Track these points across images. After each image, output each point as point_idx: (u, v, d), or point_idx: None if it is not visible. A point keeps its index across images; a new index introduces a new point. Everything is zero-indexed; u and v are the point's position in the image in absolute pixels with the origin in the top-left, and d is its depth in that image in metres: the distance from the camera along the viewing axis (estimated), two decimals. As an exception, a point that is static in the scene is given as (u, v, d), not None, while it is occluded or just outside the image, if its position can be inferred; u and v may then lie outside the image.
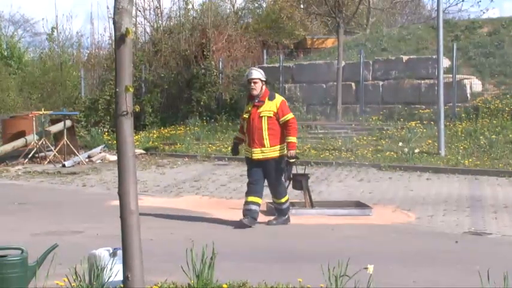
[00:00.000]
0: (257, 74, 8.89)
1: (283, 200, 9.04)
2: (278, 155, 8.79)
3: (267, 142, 8.72)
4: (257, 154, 8.79)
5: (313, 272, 5.33)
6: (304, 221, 9.34)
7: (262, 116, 8.75)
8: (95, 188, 12.83)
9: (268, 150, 8.75)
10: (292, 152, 8.76)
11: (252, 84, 8.79)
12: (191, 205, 10.65)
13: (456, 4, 29.19)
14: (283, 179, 8.97)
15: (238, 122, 20.52)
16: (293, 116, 8.88)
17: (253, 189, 8.90)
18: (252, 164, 8.89)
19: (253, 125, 8.78)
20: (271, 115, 8.76)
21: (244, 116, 8.94)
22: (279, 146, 8.78)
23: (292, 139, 8.77)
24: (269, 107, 8.78)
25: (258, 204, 8.91)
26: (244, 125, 8.99)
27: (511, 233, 8.45)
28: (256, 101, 8.83)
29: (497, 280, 4.54)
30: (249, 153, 8.89)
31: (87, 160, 16.92)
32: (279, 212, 9.11)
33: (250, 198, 8.87)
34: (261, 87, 8.81)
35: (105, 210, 10.04)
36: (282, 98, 9.03)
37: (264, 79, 8.91)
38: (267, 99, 8.83)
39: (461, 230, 8.66)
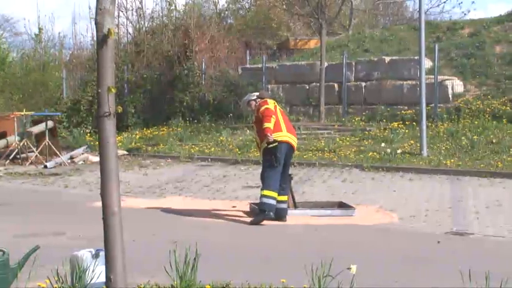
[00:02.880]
0: (248, 97, 10.06)
1: (261, 193, 9.31)
2: (263, 147, 9.48)
3: (258, 142, 9.82)
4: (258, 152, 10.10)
5: (296, 272, 5.34)
6: (287, 221, 9.35)
7: (254, 124, 9.96)
8: (77, 189, 12.76)
9: (260, 147, 9.70)
10: (269, 136, 9.38)
11: (249, 107, 10.02)
12: (174, 206, 10.63)
13: (438, 6, 29.43)
14: (265, 170, 9.38)
15: (221, 123, 20.78)
16: (267, 107, 9.51)
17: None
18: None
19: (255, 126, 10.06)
20: (255, 120, 9.94)
21: None
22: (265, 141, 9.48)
23: (265, 125, 9.43)
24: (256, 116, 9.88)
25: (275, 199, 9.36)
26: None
27: (492, 233, 8.51)
28: (254, 114, 9.90)
29: (479, 280, 4.57)
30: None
31: (69, 161, 16.83)
32: (260, 205, 9.38)
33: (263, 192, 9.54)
34: (255, 105, 9.78)
35: (87, 211, 9.99)
36: (264, 106, 9.57)
37: (254, 97, 9.90)
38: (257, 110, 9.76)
39: (443, 230, 8.71)
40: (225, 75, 22.72)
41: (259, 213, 9.25)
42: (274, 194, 9.20)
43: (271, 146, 9.30)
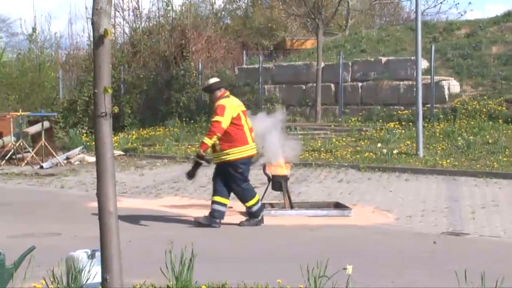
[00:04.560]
0: (205, 87, 9.31)
1: (247, 204, 9.00)
2: (229, 159, 8.77)
3: (217, 147, 8.81)
4: (215, 159, 8.98)
5: (292, 272, 5.34)
6: (283, 222, 9.36)
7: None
8: (73, 190, 12.75)
9: (221, 155, 8.81)
10: (201, 151, 8.80)
11: (210, 94, 9.15)
12: (170, 206, 10.63)
13: (434, 6, 29.40)
14: (237, 184, 8.88)
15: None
16: (218, 119, 8.69)
17: (217, 189, 8.99)
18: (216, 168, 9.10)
19: None
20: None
21: None
22: (230, 150, 8.75)
23: (204, 139, 8.81)
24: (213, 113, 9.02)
25: (222, 205, 8.96)
26: None
27: (488, 233, 8.53)
28: None
29: (475, 280, 4.58)
30: None
31: (65, 161, 16.81)
32: (249, 214, 9.13)
33: (217, 198, 9.01)
34: (211, 98, 9.08)
35: (83, 211, 9.98)
36: (219, 103, 8.81)
37: (212, 88, 8.99)
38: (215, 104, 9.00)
39: (439, 230, 8.72)
40: (221, 75, 22.71)
41: (253, 219, 9.04)
42: (256, 199, 8.99)
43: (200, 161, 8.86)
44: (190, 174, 9.03)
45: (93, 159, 15.51)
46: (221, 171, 8.92)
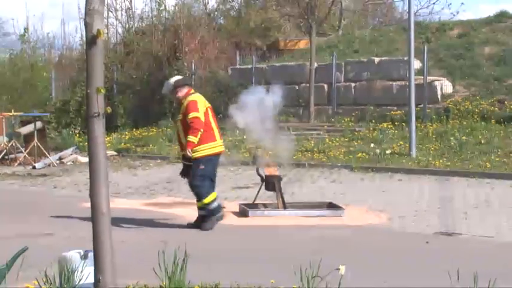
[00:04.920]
0: (168, 86, 8.86)
1: (205, 201, 8.77)
2: (196, 156, 8.62)
3: (185, 145, 8.67)
4: (182, 156, 8.92)
5: (285, 273, 5.34)
6: (276, 222, 9.36)
7: (176, 121, 8.82)
8: (66, 190, 12.73)
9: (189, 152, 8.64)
10: (187, 152, 8.56)
11: (173, 95, 8.89)
12: (163, 207, 10.62)
13: (427, 7, 29.48)
14: (196, 180, 8.73)
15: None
16: (196, 115, 8.55)
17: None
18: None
19: (176, 130, 9.03)
20: (181, 117, 8.70)
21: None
22: (198, 147, 8.59)
23: (189, 138, 8.52)
24: (181, 110, 8.75)
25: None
26: None
27: (480, 233, 8.55)
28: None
29: (467, 280, 4.59)
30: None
31: (58, 162, 16.77)
32: (206, 215, 8.84)
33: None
34: (177, 94, 8.76)
35: (76, 212, 9.95)
36: (191, 99, 8.67)
37: (178, 84, 8.77)
38: (182, 102, 8.73)
39: (432, 230, 8.74)
40: (214, 75, 22.71)
41: (208, 218, 8.80)
42: (214, 195, 8.80)
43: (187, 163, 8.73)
44: (185, 173, 8.97)
45: (85, 159, 15.48)
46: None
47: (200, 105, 8.65)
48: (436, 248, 7.73)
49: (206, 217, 8.82)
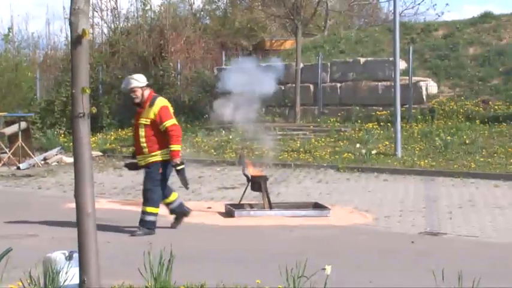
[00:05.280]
0: (135, 83, 8.51)
1: (148, 210, 8.48)
2: (155, 160, 8.43)
3: (145, 150, 8.46)
4: (140, 161, 8.60)
5: (271, 273, 5.35)
6: (262, 222, 9.36)
7: (139, 123, 8.49)
8: (50, 191, 12.66)
9: (148, 157, 8.46)
10: (176, 161, 8.39)
11: (132, 93, 8.51)
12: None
13: (412, 7, 29.55)
14: (154, 185, 8.53)
15: (197, 123, 20.72)
16: (174, 122, 8.48)
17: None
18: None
19: (135, 133, 8.69)
20: (148, 123, 8.40)
21: (133, 121, 8.71)
22: (159, 152, 8.41)
23: (174, 147, 8.38)
24: (147, 115, 8.44)
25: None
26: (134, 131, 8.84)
27: (465, 232, 8.60)
28: (138, 108, 8.56)
29: (452, 279, 4.61)
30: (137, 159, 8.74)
31: (42, 162, 16.69)
32: (141, 222, 8.51)
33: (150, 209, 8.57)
34: (142, 94, 8.47)
35: (61, 213, 9.90)
36: (163, 104, 8.50)
37: (144, 84, 8.53)
38: (148, 105, 8.44)
39: (417, 230, 8.78)
40: (200, 76, 22.68)
41: (144, 228, 8.51)
42: (157, 211, 8.61)
43: (179, 168, 8.51)
44: (185, 182, 8.81)
45: (70, 160, 15.41)
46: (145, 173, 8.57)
47: (171, 110, 8.60)
48: (421, 248, 7.76)
49: (142, 225, 8.54)
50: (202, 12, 29.41)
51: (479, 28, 21.80)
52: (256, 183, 10.00)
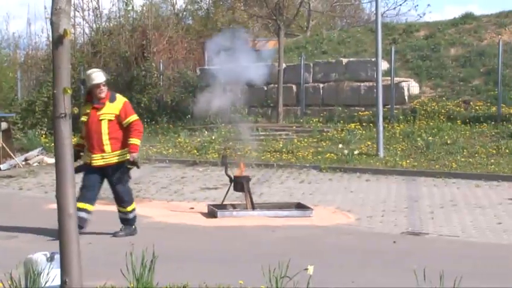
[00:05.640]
0: (103, 77, 8.26)
1: (129, 209, 8.43)
2: (120, 160, 8.23)
3: (107, 147, 8.19)
4: (97, 160, 8.21)
5: (254, 273, 5.35)
6: (245, 222, 9.36)
7: (102, 120, 8.19)
8: (32, 192, 12.58)
9: (109, 156, 8.22)
10: (135, 155, 8.18)
11: (101, 87, 8.18)
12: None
13: (394, 8, 29.72)
14: (127, 185, 8.47)
15: (179, 124, 20.67)
16: (137, 117, 8.34)
17: (86, 195, 8.23)
18: (91, 170, 8.26)
19: (92, 129, 8.23)
20: (113, 118, 8.14)
21: (82, 119, 8.26)
22: (120, 151, 8.20)
23: (135, 141, 8.20)
24: (111, 110, 8.21)
25: (89, 212, 8.33)
26: (83, 129, 8.38)
27: (447, 232, 8.65)
28: (96, 103, 8.20)
29: (434, 279, 4.64)
30: (88, 158, 8.28)
31: (23, 163, 16.57)
32: (124, 221, 8.44)
33: (81, 205, 7.93)
34: (103, 89, 8.21)
35: (42, 213, 9.84)
36: (124, 99, 8.35)
37: (106, 81, 8.30)
38: (107, 101, 8.19)
39: (399, 230, 8.82)
40: (183, 76, 22.64)
41: (129, 227, 8.46)
42: (134, 205, 8.57)
43: (129, 166, 8.30)
44: (127, 179, 8.58)
45: (52, 160, 15.31)
46: (105, 174, 8.31)
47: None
48: (403, 248, 7.80)
49: (124, 225, 8.46)
50: (184, 13, 29.35)
51: (460, 29, 21.96)
52: (239, 184, 10.00)
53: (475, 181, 12.77)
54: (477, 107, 18.06)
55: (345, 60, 20.54)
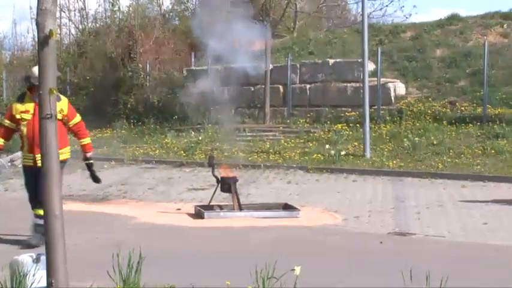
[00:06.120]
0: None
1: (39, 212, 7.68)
2: (64, 158, 7.89)
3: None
4: (39, 161, 7.79)
5: (241, 274, 5.35)
6: (232, 223, 9.35)
7: (55, 119, 7.86)
8: (17, 193, 12.50)
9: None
10: (91, 154, 8.29)
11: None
12: (118, 209, 10.51)
13: (380, 9, 29.79)
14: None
15: (166, 125, 20.62)
16: (80, 118, 8.34)
17: (37, 199, 7.61)
18: (29, 172, 7.89)
19: (36, 128, 6.98)
20: (60, 117, 7.60)
21: (23, 116, 7.84)
22: (65, 148, 7.96)
23: (87, 140, 8.29)
24: (58, 108, 7.23)
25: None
26: (23, 128, 7.87)
27: (433, 232, 8.68)
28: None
29: (420, 279, 4.65)
30: (31, 160, 7.86)
31: (9, 164, 16.45)
32: (38, 227, 7.67)
33: (39, 212, 7.52)
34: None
35: (28, 215, 9.77)
36: (67, 99, 8.25)
37: None
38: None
39: (385, 230, 8.84)
40: (169, 77, 22.61)
41: (38, 233, 7.67)
42: None
43: (91, 161, 8.24)
44: (96, 176, 8.57)
45: (38, 161, 15.22)
46: (36, 175, 7.35)
47: None
48: (389, 248, 7.82)
49: (38, 228, 7.80)
50: (171, 13, 29.32)
51: (446, 30, 22.06)
52: (226, 184, 9.99)
53: (461, 181, 12.83)
54: (463, 108, 18.16)
55: (331, 61, 20.59)
